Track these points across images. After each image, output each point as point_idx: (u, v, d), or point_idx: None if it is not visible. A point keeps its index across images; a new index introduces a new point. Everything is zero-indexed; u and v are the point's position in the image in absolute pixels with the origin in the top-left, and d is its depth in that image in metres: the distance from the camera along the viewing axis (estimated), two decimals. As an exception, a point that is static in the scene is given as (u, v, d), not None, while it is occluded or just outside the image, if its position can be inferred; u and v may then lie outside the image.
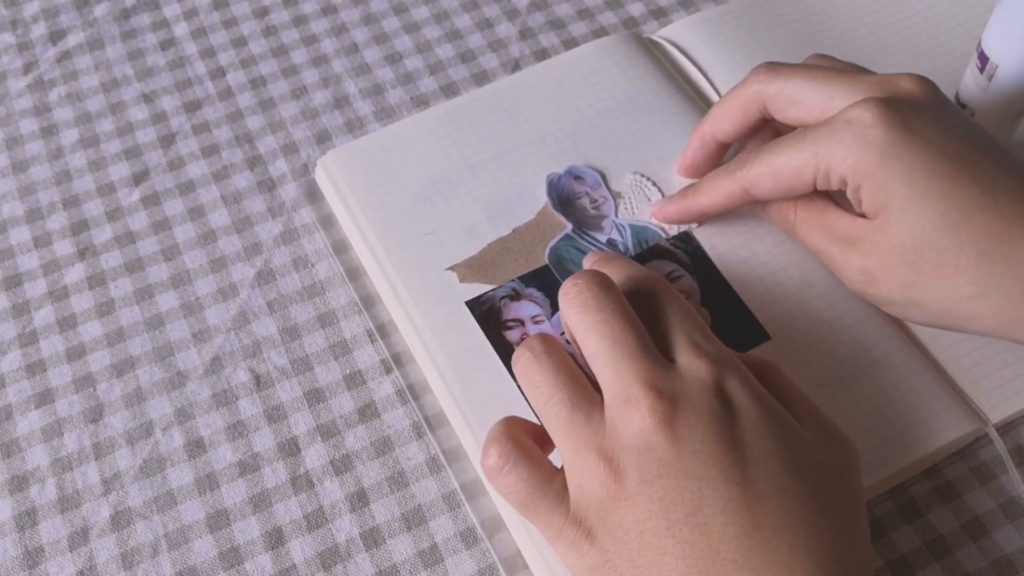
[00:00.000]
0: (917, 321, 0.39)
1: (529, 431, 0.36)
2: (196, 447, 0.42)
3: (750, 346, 0.42)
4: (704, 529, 0.31)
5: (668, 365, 0.34)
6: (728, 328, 0.42)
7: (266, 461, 0.41)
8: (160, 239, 0.48)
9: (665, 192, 0.46)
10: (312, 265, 0.47)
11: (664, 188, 0.46)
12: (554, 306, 0.43)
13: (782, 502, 0.32)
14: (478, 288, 0.44)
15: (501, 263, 0.44)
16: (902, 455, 0.39)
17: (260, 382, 0.43)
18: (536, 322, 0.43)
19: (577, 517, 0.33)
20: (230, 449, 0.42)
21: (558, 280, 0.44)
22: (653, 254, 0.44)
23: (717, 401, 0.33)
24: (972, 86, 0.45)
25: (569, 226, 0.45)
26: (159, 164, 0.50)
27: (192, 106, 0.52)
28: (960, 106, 0.47)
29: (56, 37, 0.55)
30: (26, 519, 0.40)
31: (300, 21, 0.56)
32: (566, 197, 0.46)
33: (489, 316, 0.43)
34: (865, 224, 0.38)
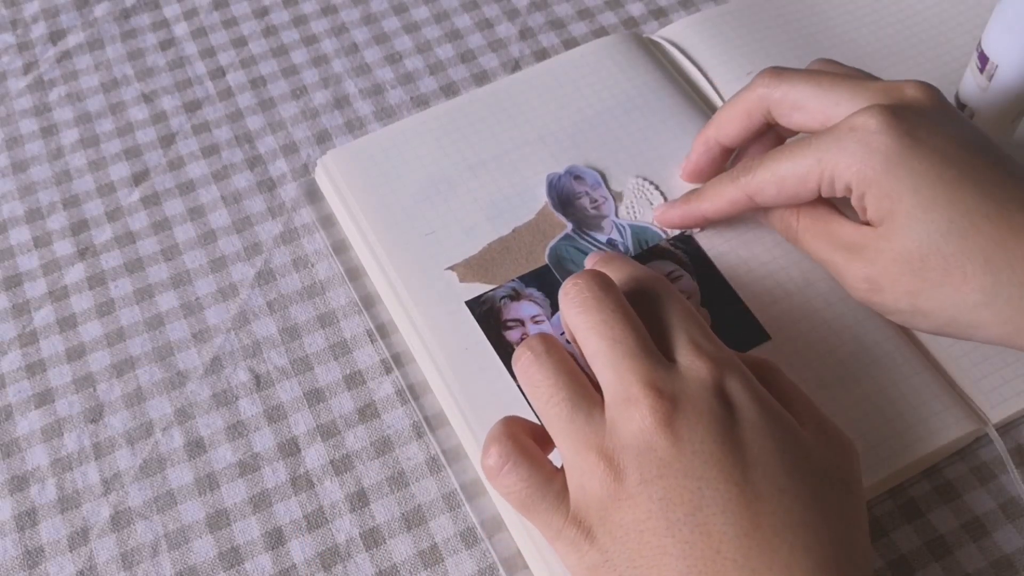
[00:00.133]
0: (922, 329, 0.39)
1: (529, 431, 0.36)
2: (196, 447, 0.42)
3: (750, 346, 0.42)
4: (704, 529, 0.31)
5: (668, 365, 0.34)
6: (728, 328, 0.42)
7: (266, 461, 0.41)
8: (160, 239, 0.48)
9: (667, 196, 0.46)
10: (312, 265, 0.47)
11: (665, 191, 0.46)
12: (554, 306, 0.43)
13: (782, 502, 0.32)
14: (478, 288, 0.44)
15: (501, 263, 0.44)
16: (902, 455, 0.39)
17: (260, 382, 0.43)
18: (536, 322, 0.43)
19: (577, 517, 0.34)
20: (230, 449, 0.42)
21: (558, 280, 0.44)
22: (653, 254, 0.44)
23: (717, 401, 0.33)
24: (972, 86, 0.45)
25: (569, 226, 0.45)
26: (159, 164, 0.50)
27: (192, 106, 0.52)
28: (960, 106, 0.46)
29: (56, 37, 0.55)
30: (26, 519, 0.40)
31: (300, 21, 0.56)
32: (566, 197, 0.46)
33: (489, 316, 0.43)
34: (870, 232, 0.38)
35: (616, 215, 0.46)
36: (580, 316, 0.35)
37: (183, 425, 0.42)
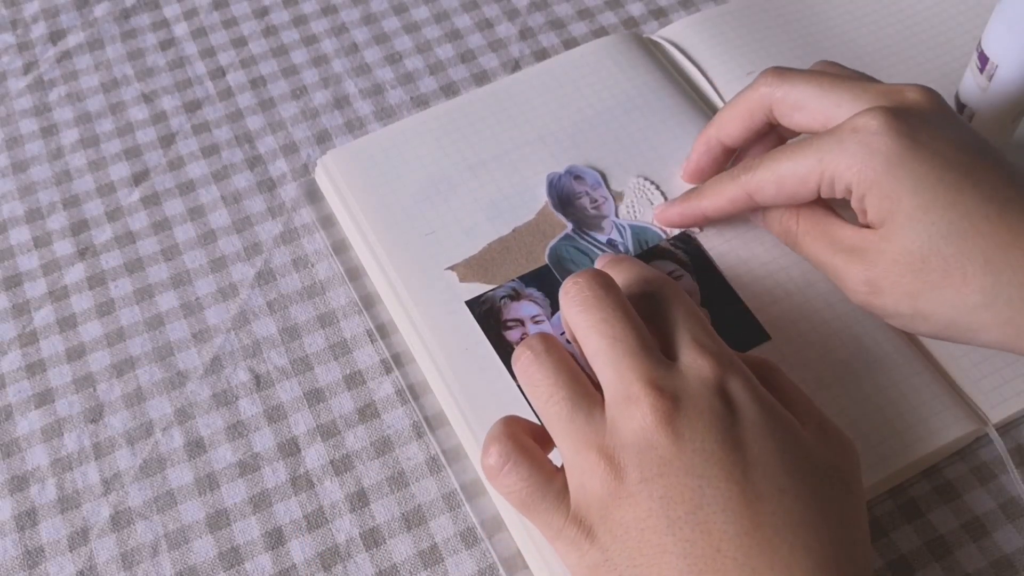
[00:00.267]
0: (923, 333, 0.39)
1: (529, 430, 0.36)
2: (196, 447, 0.42)
3: (750, 346, 0.42)
4: (705, 527, 0.31)
5: (669, 364, 0.34)
6: (728, 328, 0.42)
7: (266, 461, 0.41)
8: (160, 239, 0.48)
9: (668, 196, 0.46)
10: (312, 265, 0.47)
11: (666, 191, 0.46)
12: (554, 306, 0.43)
13: (782, 502, 0.32)
14: (478, 288, 0.44)
15: (501, 263, 0.44)
16: (902, 455, 0.39)
17: (260, 382, 0.43)
18: (536, 322, 0.43)
19: (577, 516, 0.33)
20: (230, 449, 0.42)
21: (558, 280, 0.44)
22: (653, 254, 0.44)
23: (719, 400, 0.33)
24: (972, 86, 0.45)
25: (569, 226, 0.45)
26: (159, 164, 0.50)
27: (192, 106, 0.52)
28: (960, 106, 0.47)
29: (56, 37, 0.55)
30: (26, 519, 0.40)
31: (300, 21, 0.56)
32: (566, 197, 0.46)
33: (489, 316, 0.43)
34: (870, 234, 0.38)
35: (616, 215, 0.46)
36: (581, 315, 0.35)
37: (183, 425, 0.42)
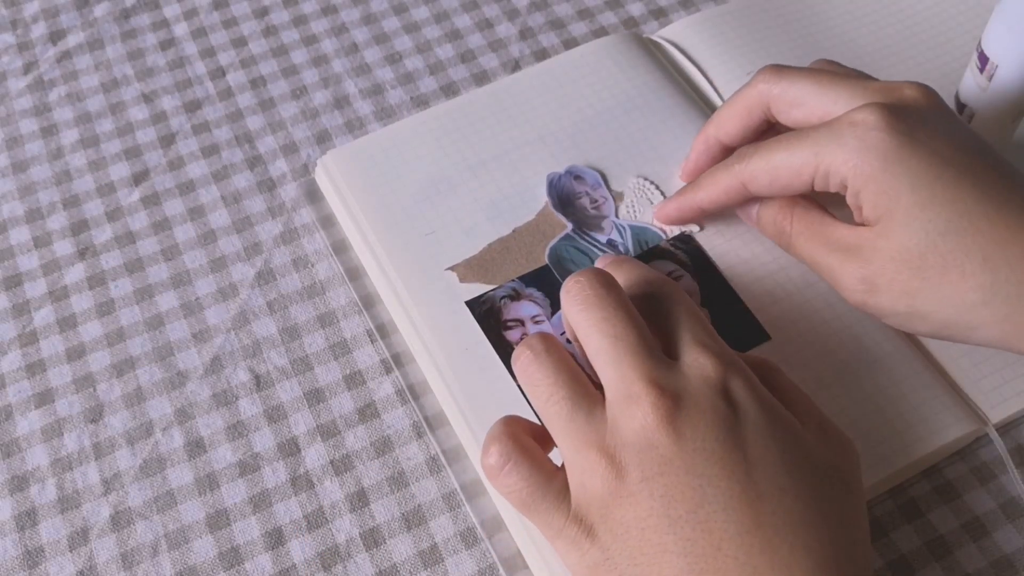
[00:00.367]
0: (920, 332, 0.39)
1: (529, 430, 0.36)
2: (196, 447, 0.42)
3: (750, 346, 0.42)
4: (706, 526, 0.31)
5: (670, 363, 0.34)
6: (728, 328, 0.42)
7: (266, 461, 0.41)
8: (160, 239, 0.48)
9: (668, 195, 0.46)
10: (312, 265, 0.47)
11: (666, 191, 0.46)
12: (554, 306, 0.43)
13: (783, 502, 0.32)
14: (478, 288, 0.44)
15: (501, 263, 0.44)
16: (902, 455, 0.39)
17: (260, 382, 0.43)
18: (536, 322, 0.43)
19: (578, 515, 0.33)
20: (230, 449, 0.42)
21: (558, 280, 0.44)
22: (653, 254, 0.44)
23: (720, 400, 0.33)
24: (972, 86, 0.45)
25: (569, 226, 0.45)
26: (159, 164, 0.50)
27: (192, 106, 0.52)
28: (960, 106, 0.47)
29: (56, 37, 0.55)
30: (26, 519, 0.40)
31: (300, 21, 0.56)
32: (566, 197, 0.46)
33: (489, 316, 0.43)
34: (866, 232, 0.38)
35: (616, 215, 0.46)
36: (582, 313, 0.35)
37: (183, 425, 0.42)
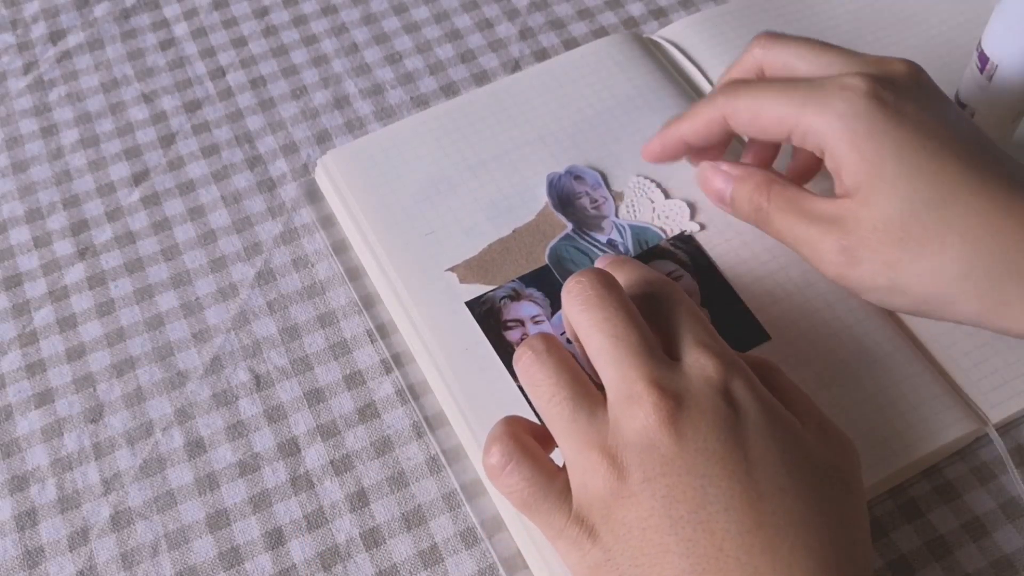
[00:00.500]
0: (898, 308, 0.39)
1: (530, 430, 0.36)
2: (196, 447, 0.42)
3: (750, 346, 0.42)
4: (707, 527, 0.31)
5: (672, 364, 0.34)
6: (728, 328, 0.42)
7: (266, 461, 0.41)
8: (160, 239, 0.48)
9: (668, 193, 0.46)
10: (312, 265, 0.47)
11: (666, 190, 0.46)
12: (554, 306, 0.43)
13: (783, 502, 0.32)
14: (478, 288, 0.44)
15: (501, 263, 0.44)
16: (902, 455, 0.39)
17: (260, 382, 0.43)
18: (536, 322, 0.43)
19: (579, 516, 0.33)
20: (230, 449, 0.42)
21: (558, 280, 0.44)
22: (653, 254, 0.44)
23: (722, 400, 0.33)
24: (972, 86, 0.45)
25: (569, 226, 0.45)
26: (159, 164, 0.50)
27: (192, 106, 0.52)
28: (960, 106, 0.47)
29: (56, 37, 0.55)
30: (26, 519, 0.40)
31: (300, 21, 0.56)
32: (566, 197, 0.46)
33: (489, 316, 0.43)
34: (847, 202, 0.38)
35: (616, 215, 0.46)
36: (583, 313, 0.35)
37: (183, 425, 0.42)
